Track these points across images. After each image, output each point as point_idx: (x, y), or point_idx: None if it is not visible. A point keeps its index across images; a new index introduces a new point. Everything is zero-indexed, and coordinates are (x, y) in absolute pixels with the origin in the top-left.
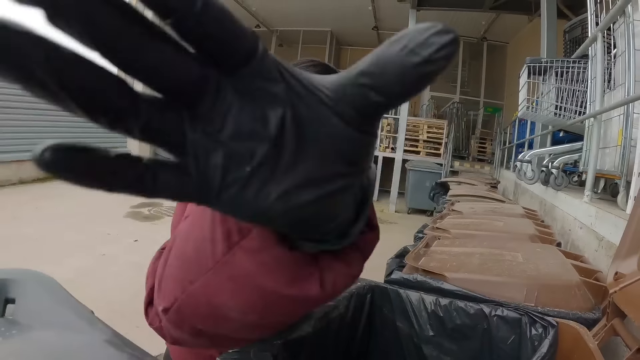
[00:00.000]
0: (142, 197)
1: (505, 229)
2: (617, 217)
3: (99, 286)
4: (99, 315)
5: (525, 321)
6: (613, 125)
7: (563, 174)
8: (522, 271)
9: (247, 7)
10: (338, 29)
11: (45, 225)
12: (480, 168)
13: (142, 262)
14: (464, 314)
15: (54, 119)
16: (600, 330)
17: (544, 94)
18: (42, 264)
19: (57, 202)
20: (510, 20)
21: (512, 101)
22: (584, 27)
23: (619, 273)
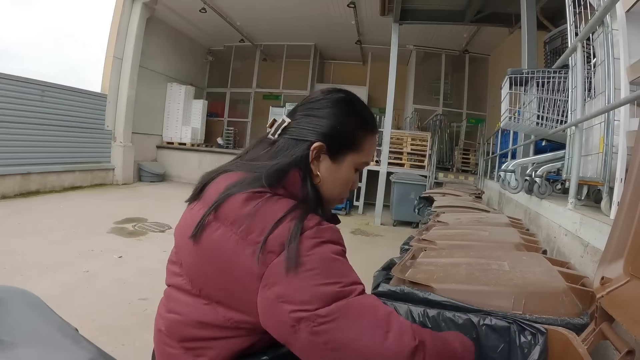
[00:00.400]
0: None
1: (490, 238)
2: (602, 222)
3: (83, 303)
4: (84, 333)
5: (514, 329)
6: (594, 133)
7: (546, 183)
8: (509, 280)
9: (231, 22)
10: (322, 43)
11: (28, 241)
12: (465, 179)
13: (127, 279)
14: (452, 324)
15: (38, 133)
16: (589, 335)
17: (525, 104)
18: (24, 281)
19: (40, 217)
20: (491, 32)
21: (495, 112)
22: (563, 38)
23: (605, 278)
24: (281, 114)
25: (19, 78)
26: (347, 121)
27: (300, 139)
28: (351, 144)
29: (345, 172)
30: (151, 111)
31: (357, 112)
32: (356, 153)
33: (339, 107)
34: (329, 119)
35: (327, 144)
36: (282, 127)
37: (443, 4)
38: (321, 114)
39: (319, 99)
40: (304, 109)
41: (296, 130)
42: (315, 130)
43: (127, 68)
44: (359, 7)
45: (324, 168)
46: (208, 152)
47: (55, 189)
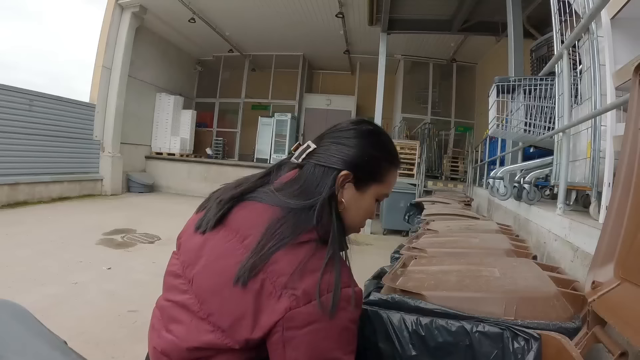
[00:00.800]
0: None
1: (481, 245)
2: (591, 227)
3: (72, 315)
4: (73, 346)
5: (507, 335)
6: (582, 139)
7: (535, 189)
8: (500, 286)
9: (220, 32)
10: (310, 53)
11: (15, 253)
12: (454, 187)
13: (116, 290)
14: (445, 332)
15: (26, 143)
16: (582, 339)
17: (513, 112)
18: (12, 293)
19: (27, 228)
20: (478, 41)
21: (483, 120)
22: (549, 46)
23: (596, 282)
24: (270, 124)
25: (7, 87)
26: (374, 153)
27: (328, 166)
28: (376, 175)
29: (368, 202)
30: (140, 121)
31: (383, 145)
32: (380, 184)
33: (367, 139)
34: (357, 148)
35: (354, 172)
36: (307, 152)
37: (430, 14)
38: (350, 143)
39: (348, 129)
40: (332, 136)
41: (323, 157)
42: (343, 159)
43: (116, 78)
44: (347, 17)
45: (349, 196)
46: (197, 162)
47: (43, 199)
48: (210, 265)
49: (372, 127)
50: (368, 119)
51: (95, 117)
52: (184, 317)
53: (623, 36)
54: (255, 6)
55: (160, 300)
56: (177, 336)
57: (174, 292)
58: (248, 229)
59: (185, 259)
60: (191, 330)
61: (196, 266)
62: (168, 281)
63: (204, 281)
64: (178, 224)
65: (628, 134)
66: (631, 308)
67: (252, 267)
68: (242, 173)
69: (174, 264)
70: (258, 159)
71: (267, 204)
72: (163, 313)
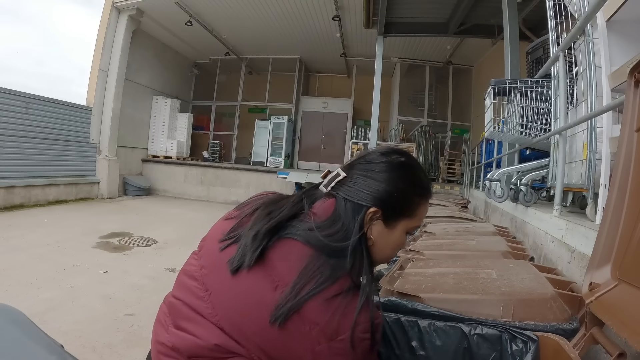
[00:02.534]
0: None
1: (478, 247)
2: (587, 228)
3: (69, 319)
4: (69, 350)
5: (505, 337)
6: (578, 140)
7: (532, 191)
8: (497, 287)
9: (217, 35)
10: (307, 56)
11: (11, 256)
12: (450, 189)
13: (113, 294)
14: (443, 334)
15: (22, 146)
16: (579, 340)
17: (509, 114)
18: (8, 297)
19: (23, 232)
20: (474, 44)
21: (479, 122)
22: (545, 48)
23: (593, 283)
24: (267, 127)
25: (3, 90)
26: (404, 188)
27: (357, 202)
28: (406, 211)
29: (398, 237)
30: (136, 124)
31: (415, 179)
32: (410, 219)
33: (398, 173)
34: (387, 184)
35: (383, 209)
36: (337, 180)
37: (427, 17)
38: (380, 177)
39: (378, 162)
40: (362, 168)
41: (352, 191)
42: (372, 195)
43: (113, 81)
44: (343, 20)
45: (377, 232)
46: (194, 165)
47: (39, 202)
48: (239, 297)
49: (404, 158)
50: (399, 148)
51: (92, 120)
52: (197, 318)
53: (618, 38)
54: (251, 9)
55: (169, 297)
56: (194, 335)
57: (186, 293)
58: (286, 272)
59: (205, 264)
60: (209, 330)
61: (220, 283)
62: (182, 280)
63: (231, 308)
64: (175, 227)
65: (624, 135)
66: (628, 309)
67: (289, 309)
68: (239, 176)
69: (191, 264)
70: (255, 162)
71: (305, 244)
72: (172, 310)
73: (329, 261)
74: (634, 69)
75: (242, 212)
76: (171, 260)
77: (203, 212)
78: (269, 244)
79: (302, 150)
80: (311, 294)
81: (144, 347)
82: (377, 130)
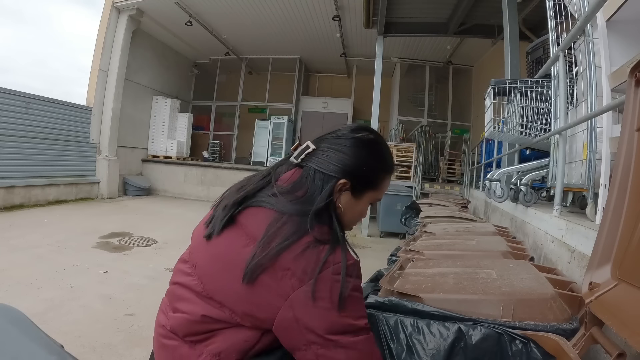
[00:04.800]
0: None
1: (478, 247)
2: (587, 228)
3: (69, 319)
4: (69, 350)
5: (505, 337)
6: (578, 140)
7: (532, 191)
8: (497, 287)
9: (217, 35)
10: (307, 56)
11: (11, 257)
12: (450, 189)
13: (113, 294)
14: (443, 334)
15: (22, 146)
16: (579, 340)
17: (509, 114)
18: (8, 297)
19: (23, 232)
20: (474, 44)
21: (479, 122)
22: (545, 48)
23: (593, 283)
24: (267, 127)
25: (4, 90)
26: (372, 163)
27: (327, 173)
28: (372, 184)
29: (363, 206)
30: (136, 124)
31: (381, 155)
32: (375, 191)
33: (367, 149)
34: (356, 158)
35: (352, 181)
36: (307, 152)
37: (427, 17)
38: (349, 152)
39: (349, 137)
40: (332, 142)
41: (323, 163)
42: (342, 168)
43: (113, 81)
44: (343, 20)
45: (345, 201)
46: (194, 165)
47: (39, 202)
48: (216, 261)
49: (373, 136)
50: (367, 125)
51: (92, 120)
52: (187, 294)
53: (618, 38)
54: (251, 9)
55: (168, 288)
56: (184, 312)
57: (179, 275)
58: (254, 230)
59: (193, 245)
60: (197, 304)
61: (201, 253)
62: (177, 267)
63: (211, 273)
64: (175, 227)
65: (624, 135)
66: (628, 309)
67: (258, 266)
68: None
69: (185, 252)
70: (255, 162)
71: (271, 209)
72: (170, 296)
73: (293, 222)
74: (634, 69)
75: (221, 202)
76: (171, 260)
77: (203, 212)
78: (237, 212)
79: None
80: (279, 248)
81: (144, 347)
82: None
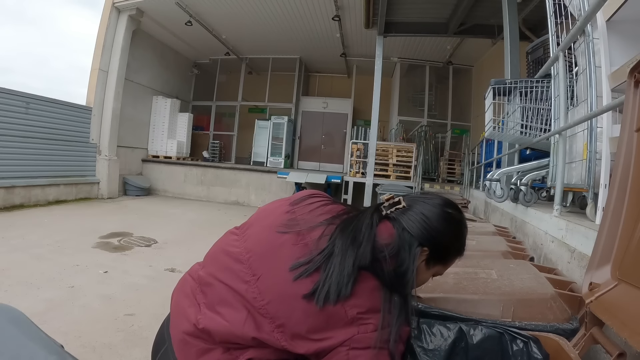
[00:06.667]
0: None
1: (478, 247)
2: (587, 228)
3: (69, 319)
4: (69, 350)
5: (505, 337)
6: (578, 140)
7: (532, 191)
8: (497, 287)
9: (217, 35)
10: (307, 56)
11: (11, 256)
12: (450, 189)
13: (113, 294)
14: (443, 334)
15: (22, 146)
16: (579, 340)
17: (509, 114)
18: (8, 297)
19: (23, 232)
20: (474, 44)
21: (479, 122)
22: (545, 48)
23: (593, 283)
24: (267, 127)
25: (3, 90)
26: (453, 241)
27: (414, 236)
28: (445, 260)
29: (427, 276)
30: (136, 124)
31: (462, 237)
32: (442, 266)
33: (453, 227)
34: (443, 232)
35: (431, 252)
36: (397, 207)
37: (427, 17)
38: (438, 224)
39: (441, 210)
40: (423, 207)
41: (412, 226)
42: (428, 236)
43: (113, 81)
44: (343, 20)
45: (417, 266)
46: (194, 165)
47: (39, 202)
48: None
49: (461, 217)
50: (456, 204)
51: (92, 120)
52: (239, 305)
53: (618, 38)
54: (252, 9)
55: (201, 272)
56: (228, 321)
57: (230, 275)
58: (366, 302)
59: (252, 248)
60: (249, 322)
61: (269, 271)
62: (222, 260)
63: (282, 303)
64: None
65: (624, 135)
66: (628, 309)
67: (334, 293)
68: (239, 176)
69: (233, 245)
70: (255, 162)
71: (379, 281)
72: (208, 289)
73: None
74: (634, 69)
75: (297, 207)
76: (171, 260)
77: (203, 212)
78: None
79: (302, 150)
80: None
81: (144, 347)
82: (377, 130)
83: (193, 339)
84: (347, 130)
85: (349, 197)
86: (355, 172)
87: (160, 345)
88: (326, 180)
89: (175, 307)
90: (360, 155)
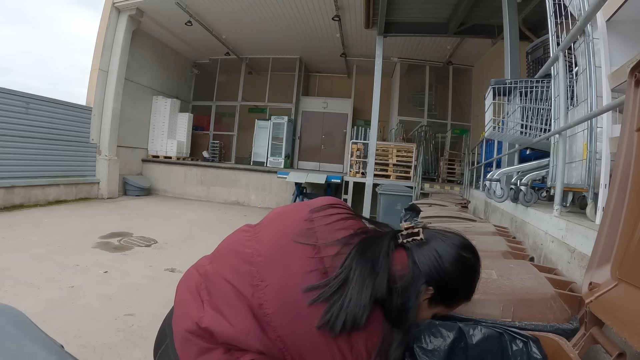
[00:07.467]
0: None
1: (478, 247)
2: (587, 228)
3: (69, 319)
4: (69, 350)
5: (505, 337)
6: (578, 140)
7: (532, 191)
8: (497, 287)
9: (217, 35)
10: (307, 56)
11: (11, 257)
12: (450, 189)
13: (113, 294)
14: (443, 334)
15: (22, 146)
16: (579, 340)
17: (509, 114)
18: (8, 297)
19: (23, 232)
20: (474, 44)
21: (479, 122)
22: (545, 48)
23: (593, 283)
24: (266, 127)
25: (4, 90)
26: (461, 287)
27: (422, 271)
28: (450, 303)
29: (428, 314)
30: (136, 124)
31: (472, 284)
32: (447, 308)
33: (464, 272)
34: (452, 276)
35: (436, 292)
36: (413, 237)
37: (427, 17)
38: (449, 266)
39: (457, 252)
40: (438, 245)
41: (423, 260)
42: (436, 277)
43: (113, 81)
44: (343, 20)
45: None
46: (194, 165)
47: (39, 202)
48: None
49: (475, 263)
50: (475, 248)
51: (92, 120)
52: (244, 309)
53: (618, 38)
54: (251, 9)
55: (207, 268)
56: (234, 325)
57: (237, 276)
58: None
59: (263, 252)
60: (254, 329)
61: (281, 282)
62: (231, 260)
63: (291, 319)
64: (175, 227)
65: (624, 135)
66: (628, 309)
67: (349, 323)
68: (239, 176)
69: (244, 245)
70: (255, 162)
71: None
72: (213, 287)
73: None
74: (634, 69)
75: (316, 217)
76: (171, 260)
77: (203, 212)
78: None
79: (302, 150)
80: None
81: (144, 347)
82: (377, 130)
83: (194, 337)
84: (347, 130)
85: (349, 197)
86: (355, 172)
87: (162, 341)
88: (326, 180)
89: (179, 302)
90: (360, 155)
